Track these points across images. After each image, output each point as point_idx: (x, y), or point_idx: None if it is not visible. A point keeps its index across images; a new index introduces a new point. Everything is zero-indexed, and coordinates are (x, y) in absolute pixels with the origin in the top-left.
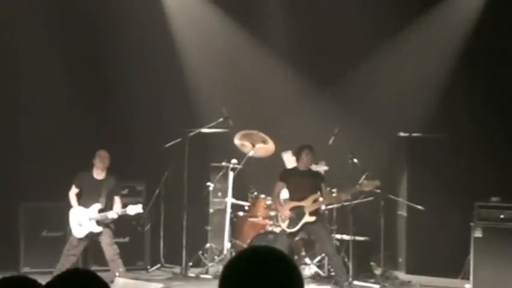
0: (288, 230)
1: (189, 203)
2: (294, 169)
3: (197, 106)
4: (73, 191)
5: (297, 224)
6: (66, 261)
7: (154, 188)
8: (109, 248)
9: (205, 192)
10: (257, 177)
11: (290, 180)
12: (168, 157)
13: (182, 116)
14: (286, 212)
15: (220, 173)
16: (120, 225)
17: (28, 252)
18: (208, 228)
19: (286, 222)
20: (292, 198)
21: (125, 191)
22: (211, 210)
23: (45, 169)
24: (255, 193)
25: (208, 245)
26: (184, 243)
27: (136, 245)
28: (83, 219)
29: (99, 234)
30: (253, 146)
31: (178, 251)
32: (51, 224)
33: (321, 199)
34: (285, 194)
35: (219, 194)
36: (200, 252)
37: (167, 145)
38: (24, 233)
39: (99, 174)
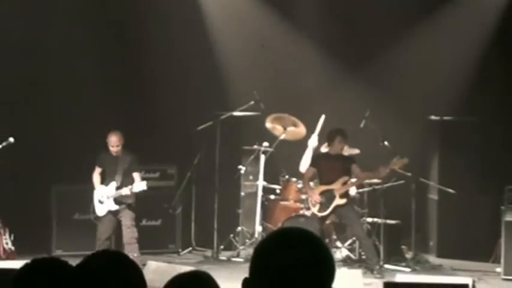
0: (319, 214)
1: (221, 186)
2: (325, 153)
3: (229, 89)
4: (96, 171)
5: (327, 207)
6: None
7: (186, 171)
8: (127, 230)
9: (237, 176)
10: (288, 161)
11: (321, 164)
12: (200, 140)
13: (214, 99)
14: (316, 197)
15: (252, 156)
16: (152, 208)
17: (60, 235)
18: (240, 211)
19: (317, 206)
20: (322, 182)
21: (157, 174)
22: (242, 194)
23: (77, 152)
24: (286, 176)
25: (239, 228)
26: (215, 226)
27: (168, 228)
28: (103, 198)
29: (117, 212)
30: (285, 129)
31: (209, 234)
32: (82, 207)
33: (352, 180)
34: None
35: (251, 177)
36: (231, 235)
37: (199, 128)
38: (56, 216)
39: (115, 152)
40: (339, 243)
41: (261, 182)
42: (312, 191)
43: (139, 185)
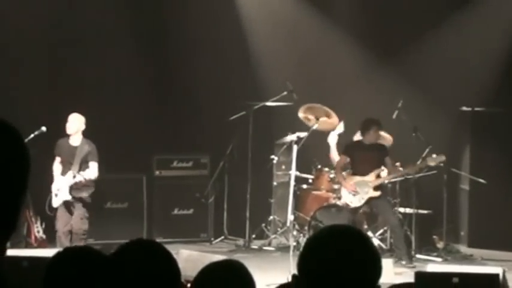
0: (352, 205)
1: (253, 176)
2: (359, 143)
3: (261, 79)
4: (56, 161)
5: (362, 199)
6: (61, 238)
7: (219, 161)
8: (79, 220)
9: (269, 165)
10: (321, 151)
11: (354, 154)
12: (233, 130)
13: (247, 89)
14: (350, 187)
15: (284, 146)
16: (185, 198)
17: (92, 223)
18: (272, 200)
19: (350, 197)
20: (355, 172)
21: (190, 164)
22: (274, 183)
23: (110, 141)
24: (319, 166)
25: (271, 217)
26: (247, 215)
27: (200, 217)
28: (58, 189)
29: (71, 204)
30: (317, 119)
31: (241, 223)
32: (115, 196)
33: (384, 174)
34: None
35: (283, 166)
36: (263, 224)
37: (232, 118)
38: (89, 204)
39: (73, 140)
40: (370, 233)
41: (293, 172)
42: (345, 181)
43: (87, 172)
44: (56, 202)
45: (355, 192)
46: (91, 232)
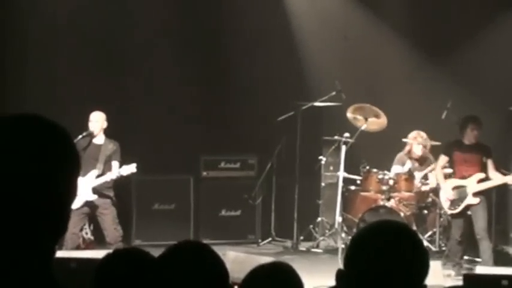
0: (449, 212)
1: (301, 177)
2: (458, 142)
3: (310, 79)
4: None
5: (458, 205)
6: (68, 241)
7: (266, 162)
8: (112, 230)
9: (317, 166)
10: (369, 151)
11: (454, 153)
12: (281, 130)
13: (295, 90)
14: (449, 193)
15: (333, 147)
16: (232, 199)
17: (139, 225)
18: (320, 202)
19: (448, 203)
20: (456, 175)
21: (237, 165)
22: (323, 184)
23: (157, 142)
24: (367, 167)
25: (319, 219)
26: (295, 216)
27: (248, 218)
28: (79, 189)
29: (96, 206)
30: (366, 119)
31: (289, 225)
32: (162, 197)
33: (488, 182)
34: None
35: (331, 167)
36: (311, 226)
37: (280, 118)
38: (136, 205)
39: (97, 138)
40: (419, 235)
41: (341, 173)
42: (444, 184)
43: (127, 168)
44: (76, 203)
45: (453, 198)
46: (138, 233)
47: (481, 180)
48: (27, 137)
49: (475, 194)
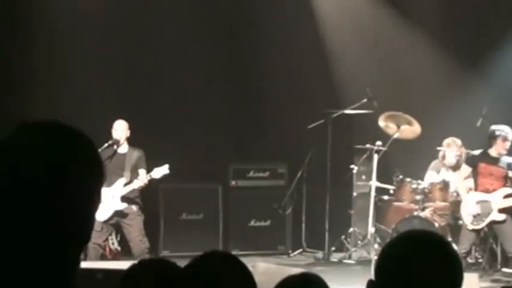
0: (471, 227)
1: (332, 186)
2: (485, 153)
3: (341, 86)
4: None
5: (482, 221)
6: (91, 251)
7: (297, 170)
8: (138, 242)
9: (349, 175)
10: (402, 160)
11: (478, 165)
12: (311, 139)
13: (325, 97)
14: (472, 208)
15: (364, 156)
16: (261, 209)
17: (167, 235)
18: (352, 212)
19: (469, 217)
20: (478, 187)
21: (266, 174)
22: (354, 194)
23: (185, 150)
24: (400, 176)
25: (351, 229)
26: (326, 227)
27: (278, 228)
28: (106, 199)
29: (124, 214)
30: (399, 127)
31: (320, 235)
32: (190, 206)
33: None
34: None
35: (363, 177)
36: (343, 236)
37: (310, 126)
38: (163, 215)
39: (121, 147)
40: (454, 246)
41: (373, 182)
42: (467, 199)
43: (160, 170)
44: (103, 215)
45: (476, 213)
46: (166, 244)
47: (507, 196)
48: (50, 144)
49: (501, 210)
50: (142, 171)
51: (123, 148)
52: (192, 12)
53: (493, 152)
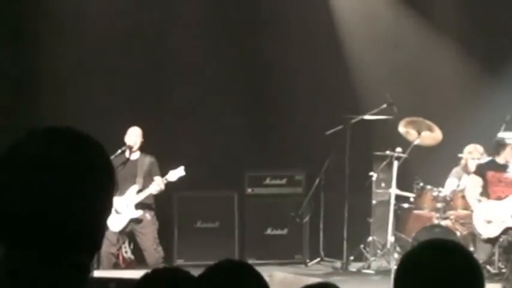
0: (485, 236)
1: (351, 194)
2: (492, 162)
3: (359, 91)
4: None
5: (496, 228)
6: (104, 260)
7: (314, 178)
8: (152, 251)
9: (368, 183)
10: (423, 167)
11: (487, 174)
12: (329, 145)
13: (344, 102)
14: (486, 215)
15: (384, 162)
16: (278, 217)
17: (182, 244)
18: (371, 220)
19: (483, 226)
20: (491, 197)
21: (283, 181)
22: (374, 202)
23: (199, 156)
24: (421, 184)
25: (370, 238)
26: (345, 236)
27: (295, 237)
28: (119, 208)
29: (138, 221)
30: (419, 134)
31: (338, 244)
32: (205, 214)
33: None
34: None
35: (383, 184)
36: (362, 245)
37: (328, 132)
38: (178, 223)
39: (132, 154)
40: (476, 255)
41: (393, 190)
42: (480, 208)
43: (175, 172)
44: (118, 225)
45: (490, 220)
46: (180, 253)
47: None
48: (60, 150)
49: None
50: (157, 178)
51: (135, 154)
52: (207, 14)
53: (500, 159)
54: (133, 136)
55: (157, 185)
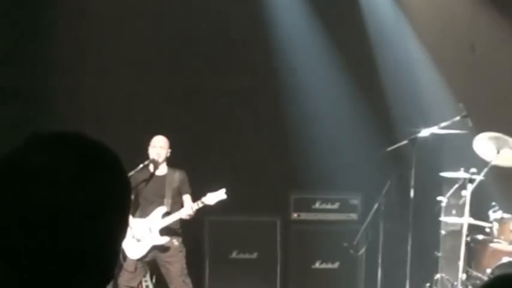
0: None
1: (415, 222)
2: None
3: (427, 101)
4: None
5: None
6: None
7: (373, 202)
8: (179, 280)
9: (436, 209)
10: (502, 192)
11: None
12: (391, 164)
13: (409, 113)
14: None
15: (456, 186)
16: (329, 248)
17: (214, 277)
18: (439, 254)
19: None
20: None
21: (335, 205)
22: (443, 232)
23: (236, 176)
24: (499, 211)
25: (438, 275)
26: (408, 272)
27: (348, 272)
28: (141, 233)
29: (164, 249)
30: (498, 152)
31: (400, 283)
32: (242, 243)
33: None
34: None
35: (453, 211)
36: (428, 284)
37: (390, 148)
38: (210, 253)
39: (159, 169)
40: None
41: (466, 219)
42: None
43: (214, 195)
44: (138, 252)
45: None
46: (212, 287)
47: None
48: (68, 161)
49: None
50: (187, 197)
51: (162, 169)
52: (237, 28)
53: None
54: (158, 147)
55: (190, 207)
